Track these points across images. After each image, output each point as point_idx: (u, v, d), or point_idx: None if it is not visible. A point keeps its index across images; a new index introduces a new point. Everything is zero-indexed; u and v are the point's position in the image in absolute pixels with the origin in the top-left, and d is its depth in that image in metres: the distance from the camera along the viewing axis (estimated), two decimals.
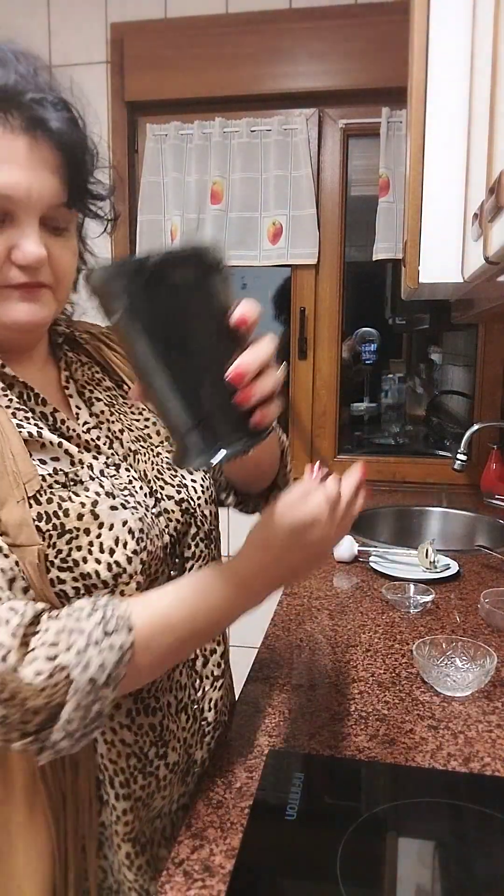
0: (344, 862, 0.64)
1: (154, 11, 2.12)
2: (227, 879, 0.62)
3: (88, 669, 0.55)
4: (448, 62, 1.11)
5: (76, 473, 0.66)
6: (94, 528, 0.64)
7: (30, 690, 0.54)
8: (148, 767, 0.72)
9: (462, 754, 0.81)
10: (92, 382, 0.78)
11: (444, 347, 2.96)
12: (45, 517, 0.62)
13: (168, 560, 0.74)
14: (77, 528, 0.63)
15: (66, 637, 0.56)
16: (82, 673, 0.55)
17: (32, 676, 0.54)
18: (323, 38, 2.01)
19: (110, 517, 0.65)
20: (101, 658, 0.56)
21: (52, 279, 0.66)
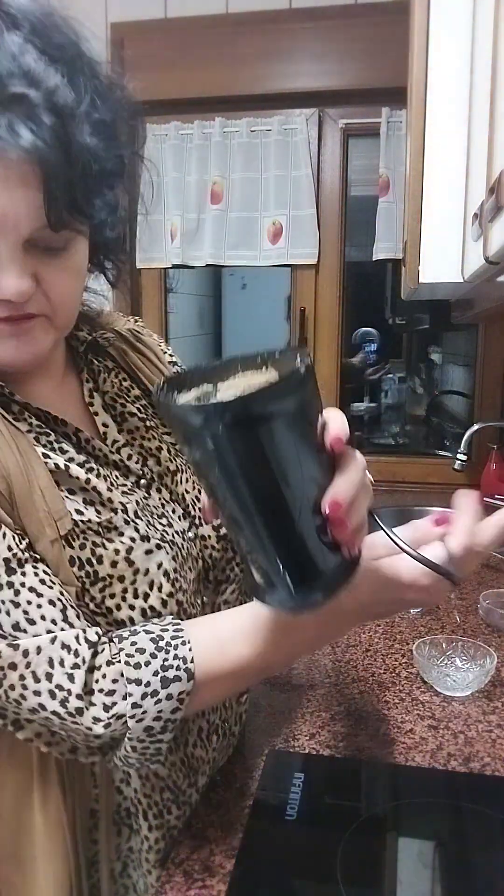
0: (344, 862, 0.64)
1: (154, 11, 2.12)
2: (227, 879, 0.62)
3: (144, 720, 0.54)
4: (448, 62, 1.10)
5: (110, 521, 0.60)
6: (129, 574, 0.60)
7: (89, 734, 0.54)
8: (181, 797, 0.70)
9: (462, 754, 0.81)
10: (122, 394, 0.71)
11: (444, 347, 2.96)
12: (78, 562, 0.58)
13: (201, 585, 0.70)
14: (111, 575, 0.59)
15: (124, 686, 0.54)
16: (138, 723, 0.54)
17: (91, 722, 0.53)
18: (323, 38, 2.00)
19: (145, 562, 0.61)
20: (157, 708, 0.54)
21: (48, 307, 0.57)
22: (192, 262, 2.16)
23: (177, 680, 0.55)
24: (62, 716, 0.53)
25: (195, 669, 0.56)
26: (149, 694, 0.54)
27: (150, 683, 0.54)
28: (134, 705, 0.54)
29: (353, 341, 2.88)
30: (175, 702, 0.55)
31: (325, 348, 2.23)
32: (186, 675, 0.55)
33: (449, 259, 1.13)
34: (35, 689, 0.53)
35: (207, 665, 0.57)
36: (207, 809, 0.72)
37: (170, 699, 0.54)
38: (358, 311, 2.65)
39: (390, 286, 2.85)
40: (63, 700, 0.53)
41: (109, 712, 0.53)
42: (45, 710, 0.53)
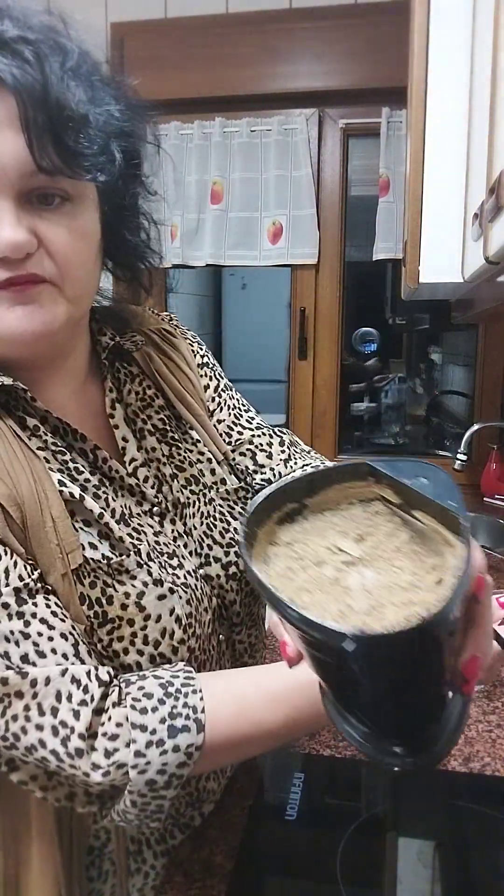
0: (344, 862, 0.64)
1: (154, 11, 2.12)
2: (228, 879, 0.62)
3: (147, 772, 0.49)
4: (448, 62, 1.10)
5: (121, 563, 0.57)
6: (139, 619, 0.56)
7: (86, 781, 0.50)
8: (182, 820, 0.67)
9: (462, 754, 0.81)
10: (144, 406, 0.67)
11: (444, 347, 2.97)
12: (88, 601, 0.55)
13: (217, 625, 0.66)
14: (120, 617, 0.56)
15: (128, 732, 0.50)
16: (140, 775, 0.49)
17: (90, 768, 0.49)
18: (323, 38, 2.01)
19: (157, 608, 0.57)
20: (162, 760, 0.50)
21: (54, 271, 0.53)
22: (192, 262, 2.16)
23: (185, 730, 0.50)
24: (61, 756, 0.49)
25: (206, 722, 0.51)
26: (154, 743, 0.50)
27: (156, 731, 0.50)
28: (137, 754, 0.49)
29: (353, 341, 2.88)
30: (182, 755, 0.50)
31: (325, 348, 2.23)
32: (196, 725, 0.51)
33: (449, 259, 1.13)
34: (38, 722, 0.49)
35: (224, 724, 0.52)
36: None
37: (176, 751, 0.50)
38: (358, 311, 2.65)
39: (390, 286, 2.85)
40: (65, 738, 0.49)
41: (110, 759, 0.49)
42: (45, 747, 0.49)
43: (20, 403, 0.56)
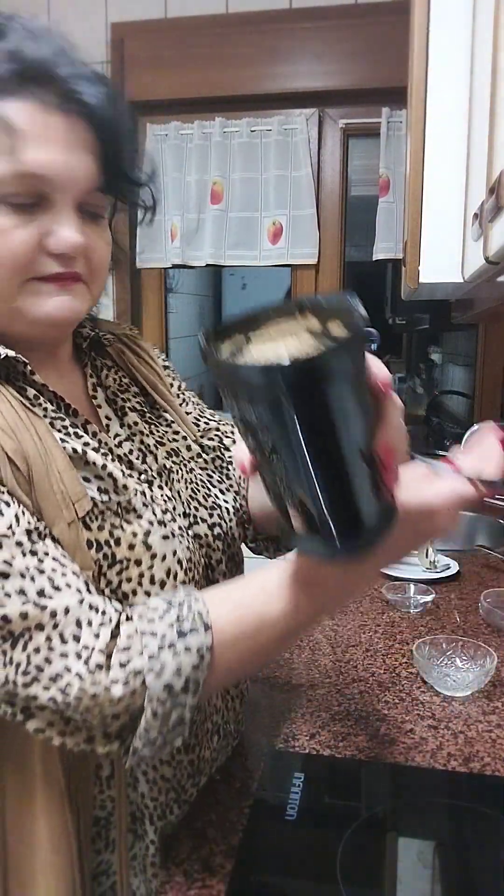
0: (344, 862, 0.64)
1: (154, 11, 2.12)
2: (227, 879, 0.62)
3: (163, 675, 0.51)
4: (448, 62, 1.11)
5: (129, 501, 0.61)
6: (146, 559, 0.60)
7: (107, 698, 0.51)
8: (183, 796, 0.70)
9: (462, 754, 0.81)
10: (122, 390, 0.72)
11: (444, 347, 2.97)
12: (96, 545, 0.58)
13: (204, 583, 0.68)
14: (128, 558, 0.59)
15: (139, 640, 0.52)
16: (156, 679, 0.51)
17: (110, 683, 0.51)
18: (323, 38, 2.01)
19: (162, 547, 0.61)
20: (176, 662, 0.52)
21: (87, 271, 0.61)
22: (192, 262, 2.16)
23: (193, 632, 0.53)
24: (83, 676, 0.50)
25: (211, 623, 0.54)
26: (165, 646, 0.52)
27: (166, 635, 0.52)
28: (151, 658, 0.51)
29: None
30: (195, 656, 0.52)
31: None
32: (203, 626, 0.53)
33: (449, 259, 1.13)
34: (62, 650, 0.51)
35: (227, 622, 0.54)
36: (207, 809, 0.72)
37: (188, 652, 0.52)
38: None
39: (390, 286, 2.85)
40: (87, 659, 0.50)
41: (126, 668, 0.51)
42: (70, 671, 0.50)
43: (19, 376, 0.60)
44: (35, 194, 0.56)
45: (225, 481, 0.77)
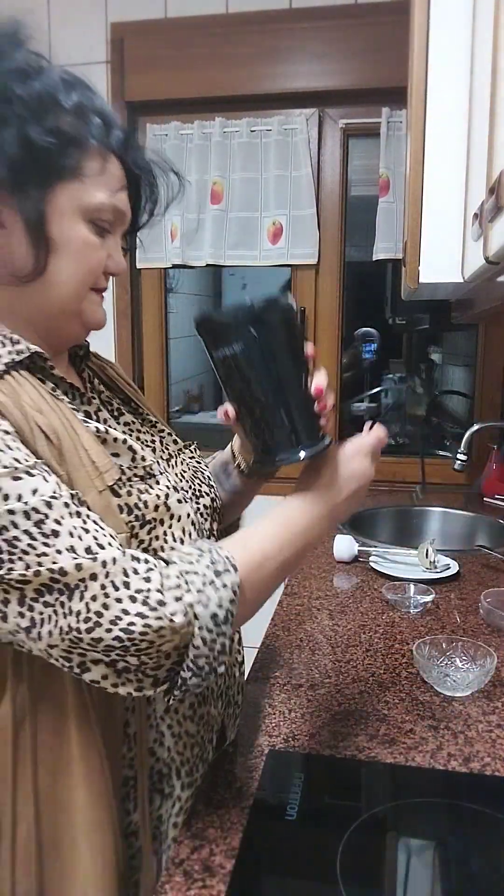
0: (344, 862, 0.64)
1: (154, 11, 2.12)
2: (227, 879, 0.62)
3: (209, 606, 0.59)
4: (448, 62, 1.11)
5: (150, 468, 0.69)
6: (167, 519, 0.68)
7: (166, 632, 0.57)
8: (204, 755, 0.77)
9: (462, 754, 0.81)
10: (111, 396, 0.80)
11: (444, 347, 2.97)
12: (127, 509, 0.65)
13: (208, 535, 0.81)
14: (154, 518, 0.67)
15: (184, 580, 0.59)
16: (205, 609, 0.59)
17: (171, 615, 0.57)
18: (323, 38, 2.01)
19: (178, 509, 0.69)
20: (217, 596, 0.60)
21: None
22: (192, 262, 2.16)
23: (227, 572, 0.61)
24: (145, 614, 0.56)
25: (237, 563, 0.63)
26: (207, 583, 0.59)
27: (206, 574, 0.60)
28: (199, 591, 0.59)
29: (353, 341, 2.88)
30: (230, 592, 0.60)
31: (325, 348, 2.23)
32: (233, 568, 0.62)
33: (449, 259, 1.13)
34: (117, 596, 0.56)
35: (244, 563, 0.64)
36: (207, 809, 0.72)
37: (225, 588, 0.60)
38: (358, 311, 2.65)
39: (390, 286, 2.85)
40: (144, 599, 0.56)
41: (181, 602, 0.58)
42: (129, 613, 0.55)
43: (38, 370, 0.66)
44: (110, 223, 0.69)
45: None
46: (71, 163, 0.64)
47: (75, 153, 0.65)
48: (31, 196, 0.63)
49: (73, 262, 0.67)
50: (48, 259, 0.65)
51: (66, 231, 0.66)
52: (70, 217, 0.66)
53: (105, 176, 0.67)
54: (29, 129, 0.61)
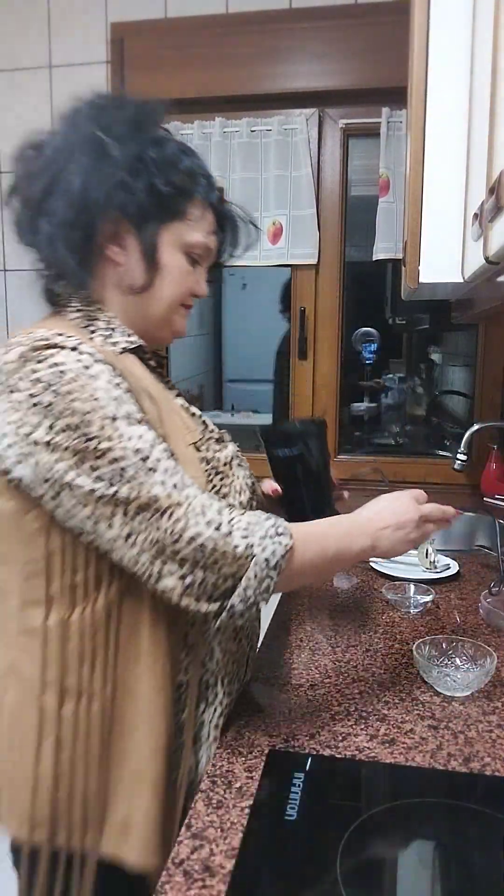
0: (344, 862, 0.64)
1: (154, 11, 2.12)
2: (227, 879, 0.62)
3: (265, 552, 0.74)
4: (448, 62, 1.10)
5: (222, 435, 0.93)
6: (232, 473, 0.89)
7: (229, 556, 0.73)
8: (240, 672, 0.94)
9: (462, 754, 0.81)
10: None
11: (444, 347, 2.96)
12: (206, 461, 0.85)
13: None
14: (225, 471, 0.87)
15: (254, 526, 0.75)
16: (262, 552, 0.74)
17: (234, 543, 0.73)
18: (323, 38, 2.01)
19: (238, 470, 0.91)
20: (273, 546, 0.75)
21: None
22: None
23: (284, 534, 0.76)
24: (215, 538, 0.72)
25: (294, 533, 0.78)
26: (267, 536, 0.75)
27: (269, 530, 0.76)
28: (260, 538, 0.74)
29: (354, 341, 2.88)
30: (283, 548, 0.75)
31: (325, 348, 2.23)
32: (289, 535, 0.77)
33: (449, 259, 1.13)
34: (195, 520, 0.72)
35: (300, 538, 0.79)
36: (207, 809, 0.72)
37: (280, 544, 0.75)
38: (358, 311, 2.65)
39: (390, 286, 2.85)
40: (217, 526, 0.73)
41: (246, 540, 0.74)
42: (203, 535, 0.72)
43: (139, 359, 0.86)
44: (201, 257, 0.90)
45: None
46: (181, 208, 0.86)
47: (184, 202, 0.86)
48: (149, 229, 0.84)
49: (172, 282, 0.87)
50: (155, 278, 0.86)
51: (169, 259, 0.86)
52: (174, 248, 0.86)
53: (203, 221, 0.88)
54: (155, 180, 0.82)
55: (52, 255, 0.84)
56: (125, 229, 0.84)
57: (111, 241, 0.84)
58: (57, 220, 0.81)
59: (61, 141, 0.84)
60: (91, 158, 0.80)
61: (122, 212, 0.82)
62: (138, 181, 0.81)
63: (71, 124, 0.85)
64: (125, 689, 0.80)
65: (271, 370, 2.89)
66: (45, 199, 0.82)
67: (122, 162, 0.81)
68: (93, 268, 0.85)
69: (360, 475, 1.43)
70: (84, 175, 0.80)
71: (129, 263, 0.85)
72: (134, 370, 0.82)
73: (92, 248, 0.84)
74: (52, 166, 0.82)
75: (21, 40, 2.23)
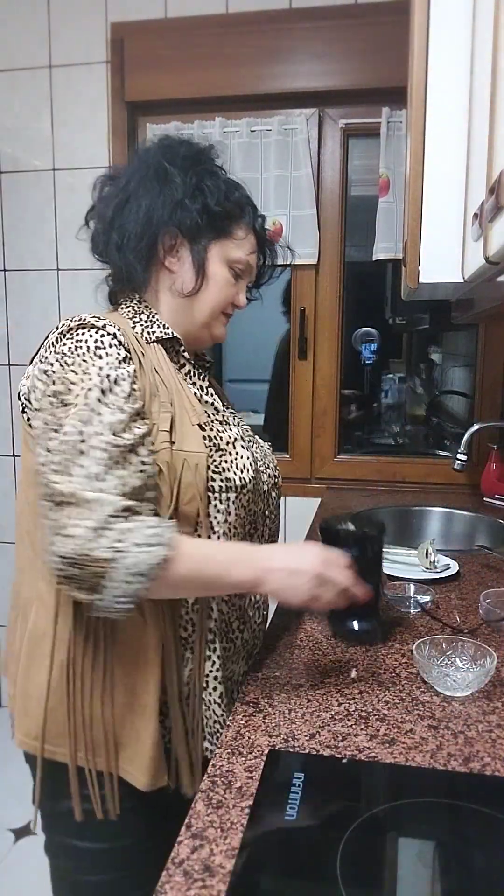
0: (344, 862, 0.64)
1: (154, 11, 2.13)
2: (227, 879, 0.62)
3: (131, 559, 0.78)
4: (448, 62, 1.11)
5: (226, 418, 1.03)
6: (233, 452, 0.97)
7: (91, 559, 0.77)
8: (238, 631, 1.04)
9: (462, 754, 0.81)
10: (217, 390, 1.10)
11: (444, 347, 2.96)
12: (209, 438, 0.94)
13: (269, 503, 1.10)
14: (225, 449, 0.96)
15: (132, 533, 0.79)
16: (124, 558, 0.78)
17: (99, 547, 0.77)
18: (323, 38, 2.01)
19: (241, 450, 0.99)
20: (143, 555, 0.78)
21: None
22: None
23: (160, 546, 0.80)
24: (86, 539, 0.76)
25: (177, 549, 0.81)
26: (141, 545, 0.78)
27: (145, 539, 0.79)
28: (135, 544, 0.78)
29: (354, 341, 2.87)
30: (155, 558, 0.79)
31: (325, 348, 2.23)
32: (166, 546, 0.80)
33: (449, 259, 1.13)
34: (75, 522, 0.77)
35: (184, 550, 0.83)
36: (207, 809, 0.72)
37: (149, 554, 0.79)
38: (358, 311, 2.65)
39: (390, 286, 2.85)
40: (94, 528, 0.77)
41: (113, 545, 0.77)
42: (75, 537, 0.76)
43: (173, 352, 1.01)
44: (242, 272, 1.04)
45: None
46: (228, 228, 1.01)
47: (232, 224, 1.01)
48: (201, 243, 0.99)
49: (216, 291, 1.02)
50: (202, 286, 1.00)
51: (216, 270, 1.01)
52: (220, 262, 1.01)
53: (246, 242, 1.04)
54: (209, 202, 0.98)
55: (122, 262, 0.99)
56: (181, 243, 0.99)
57: (169, 253, 1.00)
58: (126, 233, 0.97)
59: (133, 170, 1.00)
60: (157, 183, 0.97)
61: (179, 228, 0.97)
62: (195, 203, 0.97)
63: (142, 158, 1.01)
64: (126, 633, 0.92)
65: (270, 371, 2.89)
66: (116, 216, 0.98)
67: (183, 187, 0.97)
68: (152, 274, 1.01)
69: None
70: (151, 196, 0.97)
71: (182, 271, 1.00)
72: (157, 358, 0.96)
73: (153, 258, 0.99)
74: (125, 190, 0.98)
75: (21, 40, 2.23)
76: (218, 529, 0.95)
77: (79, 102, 2.21)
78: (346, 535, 1.03)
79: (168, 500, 0.90)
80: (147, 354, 0.95)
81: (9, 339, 2.40)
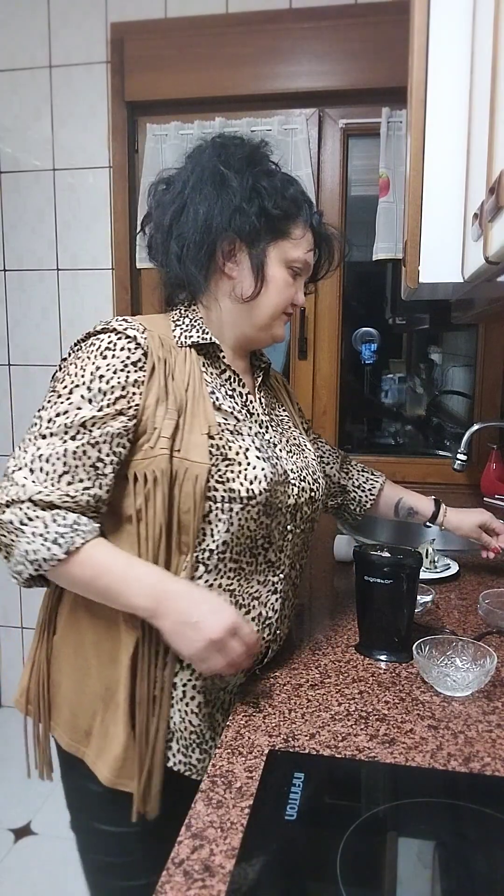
0: (344, 862, 0.64)
1: (154, 11, 2.13)
2: (227, 879, 0.62)
3: (23, 545, 0.84)
4: (448, 62, 1.10)
5: (240, 428, 0.95)
6: (243, 462, 0.92)
7: (2, 531, 0.84)
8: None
9: (462, 754, 0.81)
10: (272, 402, 1.11)
11: (444, 347, 2.96)
12: (216, 448, 0.90)
13: (295, 517, 1.02)
14: (234, 459, 0.91)
15: (41, 522, 0.83)
16: (21, 543, 0.84)
17: (6, 522, 0.84)
18: (323, 38, 2.01)
19: (254, 461, 0.92)
20: (39, 547, 0.83)
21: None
22: None
23: (58, 545, 0.83)
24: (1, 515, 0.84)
25: (80, 550, 0.84)
26: (45, 536, 0.83)
27: (51, 534, 0.83)
28: (39, 535, 0.83)
29: (354, 341, 2.87)
30: (49, 554, 0.83)
31: (325, 348, 2.23)
32: (65, 549, 0.83)
33: (449, 259, 1.13)
34: (5, 499, 0.85)
35: (89, 555, 0.85)
36: (207, 809, 0.72)
37: (47, 550, 0.83)
38: (358, 311, 2.65)
39: (390, 286, 2.85)
40: (9, 503, 0.84)
41: (20, 525, 0.84)
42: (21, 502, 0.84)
43: (214, 358, 1.00)
44: (300, 271, 1.01)
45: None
46: (286, 229, 0.98)
47: (289, 223, 0.98)
48: (259, 246, 0.97)
49: (276, 293, 0.99)
50: (262, 289, 0.98)
51: (275, 272, 0.98)
52: (278, 264, 0.99)
53: (303, 240, 1.00)
54: (266, 204, 0.95)
55: (183, 273, 0.98)
56: (239, 248, 0.98)
57: (228, 259, 0.98)
58: (185, 242, 0.96)
59: (188, 175, 0.98)
60: (214, 188, 0.95)
61: (238, 233, 0.96)
62: (252, 206, 0.95)
63: (196, 160, 0.99)
64: (99, 632, 0.94)
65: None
66: (174, 224, 0.97)
67: (240, 190, 0.95)
68: (211, 281, 0.99)
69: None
70: (208, 203, 0.95)
71: (241, 276, 0.98)
72: (184, 362, 0.95)
73: (213, 265, 0.98)
74: (181, 196, 0.97)
75: (21, 40, 2.23)
76: (217, 539, 0.90)
77: (79, 102, 2.21)
78: (381, 562, 1.01)
79: (162, 506, 0.88)
80: (170, 359, 0.93)
81: (9, 339, 2.40)
